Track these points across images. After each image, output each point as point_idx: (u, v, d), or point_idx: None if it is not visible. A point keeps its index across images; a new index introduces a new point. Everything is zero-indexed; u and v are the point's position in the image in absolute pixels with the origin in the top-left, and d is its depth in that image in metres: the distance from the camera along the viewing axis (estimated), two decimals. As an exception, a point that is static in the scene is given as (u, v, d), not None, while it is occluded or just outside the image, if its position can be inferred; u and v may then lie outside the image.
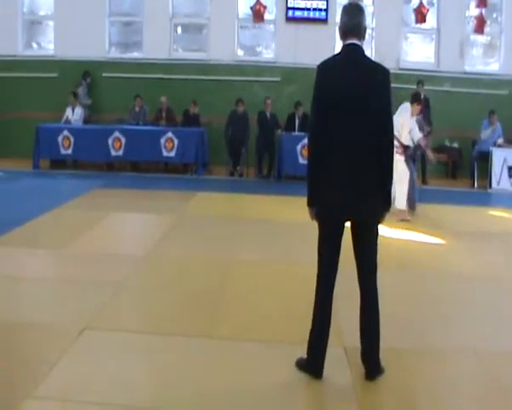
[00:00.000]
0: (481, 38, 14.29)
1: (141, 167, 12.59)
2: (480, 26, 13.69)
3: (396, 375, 3.82)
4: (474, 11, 13.80)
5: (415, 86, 12.54)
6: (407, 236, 7.69)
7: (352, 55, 3.66)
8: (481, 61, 14.45)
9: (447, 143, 13.46)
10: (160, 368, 3.85)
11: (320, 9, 13.33)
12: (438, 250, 7.18)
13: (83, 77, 13.45)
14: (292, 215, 7.85)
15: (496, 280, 6.01)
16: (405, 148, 8.58)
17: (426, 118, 11.38)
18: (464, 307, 5.27)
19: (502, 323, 4.92)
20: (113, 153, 12.26)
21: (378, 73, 3.66)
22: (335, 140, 3.58)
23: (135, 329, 4.46)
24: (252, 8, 13.41)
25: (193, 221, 8.05)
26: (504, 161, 12.09)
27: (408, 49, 14.18)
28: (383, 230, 5.99)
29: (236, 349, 4.13)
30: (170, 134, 12.18)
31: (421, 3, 13.45)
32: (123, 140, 12.18)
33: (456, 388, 3.82)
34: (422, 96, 9.75)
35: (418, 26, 13.75)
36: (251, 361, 3.95)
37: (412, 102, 8.76)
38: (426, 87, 12.59)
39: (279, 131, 12.34)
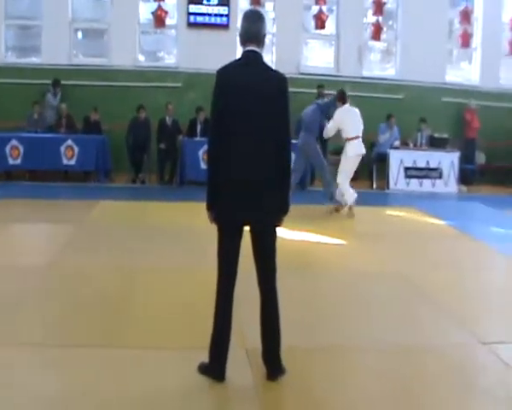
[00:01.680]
0: (378, 44, 14.91)
1: (40, 176, 12.23)
2: (377, 33, 14.26)
3: (297, 374, 3.93)
4: (371, 18, 14.35)
5: (315, 90, 12.94)
6: (308, 237, 7.89)
7: (251, 61, 3.75)
8: (378, 66, 15.07)
9: (347, 147, 13.85)
10: (62, 381, 3.81)
11: (221, 15, 13.45)
12: (338, 251, 7.42)
13: (-23, 83, 12.98)
14: (194, 221, 7.85)
15: (393, 277, 6.29)
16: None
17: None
18: (364, 304, 5.50)
19: (400, 318, 5.17)
20: (11, 161, 11.90)
21: (276, 79, 3.76)
22: (234, 145, 3.66)
23: (36, 341, 4.37)
24: (153, 13, 13.33)
25: (95, 230, 7.96)
26: (401, 162, 12.68)
27: (308, 54, 14.57)
28: (283, 232, 6.20)
29: (139, 358, 4.14)
30: (70, 142, 11.94)
31: (320, 10, 13.82)
32: (21, 148, 11.84)
33: (357, 383, 3.99)
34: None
35: (318, 32, 14.12)
36: (154, 369, 3.97)
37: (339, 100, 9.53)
38: (326, 91, 12.96)
39: (181, 136, 12.35)
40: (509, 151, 14.16)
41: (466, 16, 14.85)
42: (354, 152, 9.46)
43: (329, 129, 9.63)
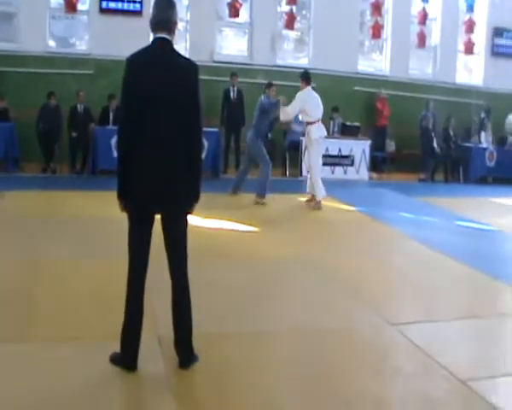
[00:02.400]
0: (292, 34, 15.09)
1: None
2: (290, 22, 14.40)
3: (211, 361, 3.98)
4: (285, 7, 14.50)
5: (228, 79, 13.00)
6: (221, 225, 7.95)
7: (161, 48, 3.74)
8: (292, 55, 15.25)
9: (263, 135, 14.01)
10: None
11: (134, 1, 13.20)
12: (251, 238, 7.51)
13: None
14: (106, 210, 7.74)
15: (306, 263, 6.44)
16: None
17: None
18: (277, 289, 5.61)
19: (313, 302, 5.31)
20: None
21: (186, 67, 3.76)
22: (144, 133, 3.64)
23: None
24: (64, -3, 12.96)
25: (3, 222, 7.71)
26: (314, 150, 12.91)
27: (222, 42, 14.54)
28: (195, 220, 6.24)
29: (48, 351, 4.06)
30: (-25, 130, 11.50)
31: (235, -2, 13.82)
32: None
33: (271, 368, 4.07)
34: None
35: (232, 20, 14.11)
36: (64, 361, 3.92)
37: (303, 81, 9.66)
38: (239, 79, 13.04)
39: (92, 125, 12.10)
40: (417, 139, 14.69)
41: (377, 8, 15.24)
42: (318, 134, 9.52)
43: (290, 111, 9.53)
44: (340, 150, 13.24)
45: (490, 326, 5.08)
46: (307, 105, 9.46)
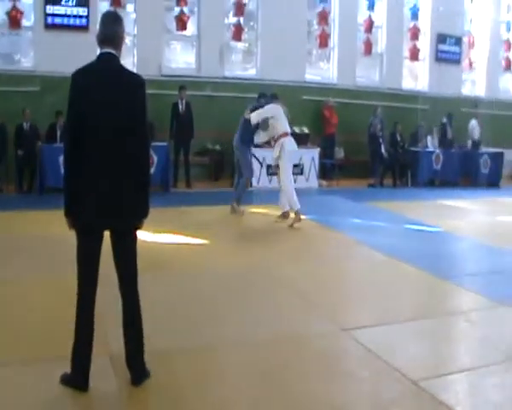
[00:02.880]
0: (239, 45, 15.16)
1: None
2: (237, 34, 14.48)
3: (162, 377, 3.94)
4: (232, 19, 14.56)
5: (177, 92, 12.96)
6: (171, 239, 7.91)
7: (107, 64, 3.72)
8: (240, 66, 15.31)
9: (209, 146, 14.02)
10: None
11: (81, 16, 13.03)
12: (202, 251, 7.49)
13: None
14: (55, 229, 7.66)
15: (258, 273, 6.47)
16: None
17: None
18: (229, 301, 5.59)
19: (265, 311, 5.33)
20: None
21: (132, 82, 3.75)
22: (91, 150, 3.61)
23: None
24: (8, 13, 12.67)
25: None
26: (263, 160, 12.99)
27: (170, 55, 14.50)
28: (145, 235, 6.20)
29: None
30: None
31: (181, 11, 13.81)
32: None
33: (225, 380, 4.06)
34: None
35: (180, 33, 14.09)
36: (13, 384, 3.82)
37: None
38: (188, 92, 13.03)
39: (39, 142, 11.87)
40: (365, 145, 14.92)
41: (324, 17, 15.47)
42: (291, 147, 9.42)
43: (254, 116, 9.43)
44: (289, 159, 13.26)
45: (439, 326, 5.19)
46: (276, 117, 9.38)
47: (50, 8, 12.92)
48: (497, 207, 12.29)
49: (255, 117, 9.43)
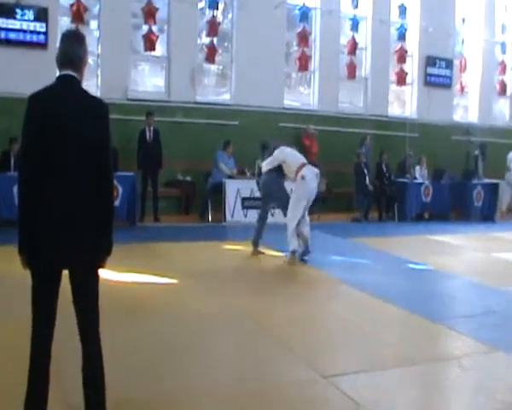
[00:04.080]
0: (213, 67, 15.25)
1: None
2: (211, 55, 14.53)
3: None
4: (205, 39, 14.64)
5: (144, 118, 12.95)
6: (137, 279, 7.85)
7: (66, 87, 3.67)
8: (213, 90, 15.39)
9: (180, 177, 14.01)
10: None
11: (38, 32, 12.88)
12: (171, 291, 7.45)
13: None
14: (8, 268, 7.59)
15: (232, 316, 6.43)
16: None
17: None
18: (202, 347, 5.52)
19: (241, 359, 5.30)
20: None
21: (95, 107, 3.70)
22: (47, 181, 3.55)
23: None
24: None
25: None
26: (238, 192, 13.02)
27: (137, 78, 14.53)
28: (108, 274, 6.11)
29: None
30: None
31: (150, 30, 13.79)
32: None
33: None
34: None
35: (148, 53, 14.09)
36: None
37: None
38: (156, 118, 13.05)
39: (-9, 171, 11.76)
40: (349, 176, 15.03)
41: (304, 38, 15.61)
42: (311, 174, 9.44)
43: (265, 166, 9.69)
44: (268, 192, 13.29)
45: (429, 373, 5.18)
46: (286, 161, 9.51)
47: (4, 22, 12.68)
48: (492, 242, 12.37)
49: (266, 166, 9.67)
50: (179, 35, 14.30)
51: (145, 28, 13.95)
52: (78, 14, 13.08)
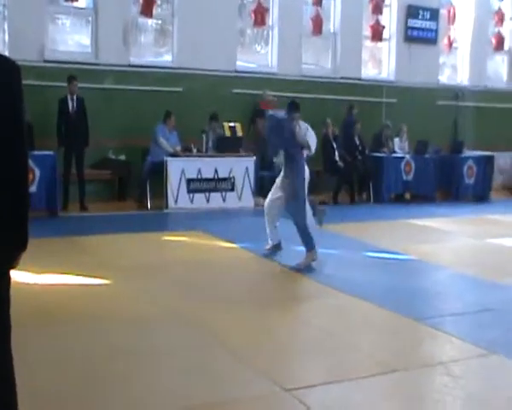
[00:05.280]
0: (150, 22, 15.11)
1: None
2: (148, 7, 14.36)
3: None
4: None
5: (65, 84, 12.70)
6: (59, 280, 7.75)
7: None
8: (151, 50, 15.29)
9: (111, 156, 13.94)
10: None
11: None
12: (101, 293, 7.39)
13: None
14: None
15: (176, 321, 6.44)
16: None
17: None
18: (141, 358, 5.51)
19: (190, 371, 5.26)
20: None
21: (2, 70, 3.52)
22: None
23: None
24: None
25: None
26: (182, 172, 12.91)
27: (56, 35, 14.30)
28: (24, 275, 6.01)
29: None
30: None
31: (71, -27, 13.59)
32: None
33: None
34: None
35: (69, 4, 13.85)
36: None
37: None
38: (81, 85, 12.85)
39: None
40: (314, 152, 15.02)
41: (259, -13, 15.53)
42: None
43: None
44: (216, 172, 13.31)
45: (412, 382, 5.23)
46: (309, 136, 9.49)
47: None
48: (486, 226, 12.54)
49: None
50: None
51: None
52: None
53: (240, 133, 14.31)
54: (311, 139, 9.43)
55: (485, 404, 4.79)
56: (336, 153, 14.83)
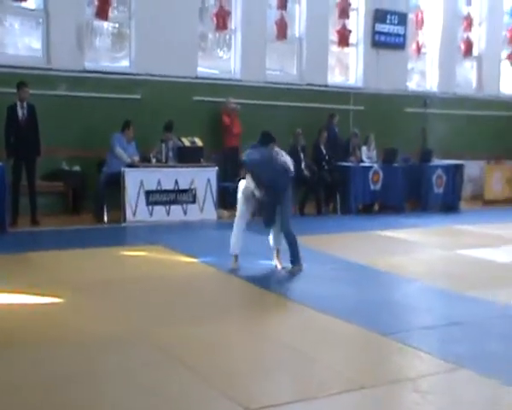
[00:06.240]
0: (106, 25, 15.08)
1: None
2: (103, 9, 14.41)
3: None
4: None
5: (14, 90, 12.57)
6: (7, 300, 7.69)
7: None
8: (107, 55, 15.26)
9: (65, 167, 13.87)
10: None
11: None
12: (52, 313, 7.30)
13: None
14: None
15: (133, 341, 6.39)
16: None
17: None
18: (96, 383, 5.44)
19: (147, 393, 5.21)
20: None
21: None
22: None
23: None
24: None
25: None
26: (141, 184, 12.89)
27: (4, 37, 14.24)
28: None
29: None
30: None
31: (20, -27, 13.50)
32: None
33: None
34: None
35: (18, 4, 13.80)
36: None
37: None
38: (32, 91, 12.74)
39: None
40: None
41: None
42: None
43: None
44: (176, 183, 13.32)
45: (379, 399, 5.23)
46: None
47: None
48: (456, 237, 12.70)
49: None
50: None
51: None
52: None
53: (200, 143, 14.29)
54: (289, 162, 9.51)
55: (454, 419, 4.85)
56: (303, 164, 14.87)
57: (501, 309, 7.81)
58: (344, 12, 17.31)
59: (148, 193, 12.98)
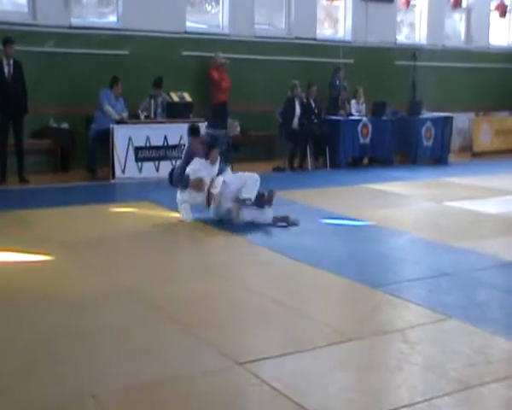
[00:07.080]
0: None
1: None
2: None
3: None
4: None
5: (0, 47, 12.42)
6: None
7: None
8: (94, 10, 15.06)
9: (53, 124, 13.76)
10: None
11: None
12: (43, 270, 7.32)
13: None
14: None
15: (123, 296, 6.42)
16: None
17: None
18: (88, 338, 5.45)
19: (139, 348, 5.24)
20: None
21: None
22: None
23: None
24: None
25: None
26: (130, 140, 12.83)
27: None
28: None
29: None
30: None
31: None
32: None
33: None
34: None
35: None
36: None
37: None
38: (18, 48, 12.59)
39: None
40: (269, 117, 15.06)
41: None
42: None
43: None
44: (166, 139, 13.28)
45: (368, 351, 5.28)
46: None
47: None
48: (444, 189, 12.74)
49: None
50: None
51: None
52: None
53: (189, 99, 14.22)
54: None
55: (443, 369, 4.83)
56: (296, 119, 14.82)
57: (489, 260, 7.86)
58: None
59: (137, 149, 12.94)
